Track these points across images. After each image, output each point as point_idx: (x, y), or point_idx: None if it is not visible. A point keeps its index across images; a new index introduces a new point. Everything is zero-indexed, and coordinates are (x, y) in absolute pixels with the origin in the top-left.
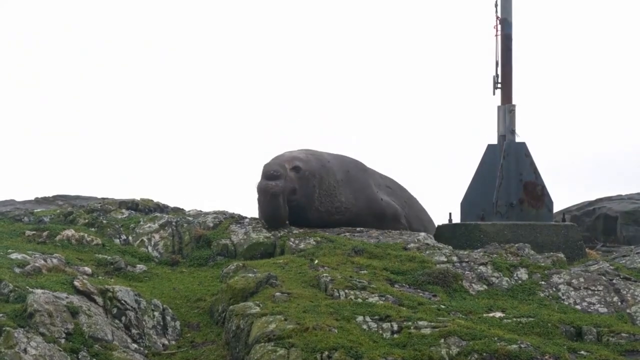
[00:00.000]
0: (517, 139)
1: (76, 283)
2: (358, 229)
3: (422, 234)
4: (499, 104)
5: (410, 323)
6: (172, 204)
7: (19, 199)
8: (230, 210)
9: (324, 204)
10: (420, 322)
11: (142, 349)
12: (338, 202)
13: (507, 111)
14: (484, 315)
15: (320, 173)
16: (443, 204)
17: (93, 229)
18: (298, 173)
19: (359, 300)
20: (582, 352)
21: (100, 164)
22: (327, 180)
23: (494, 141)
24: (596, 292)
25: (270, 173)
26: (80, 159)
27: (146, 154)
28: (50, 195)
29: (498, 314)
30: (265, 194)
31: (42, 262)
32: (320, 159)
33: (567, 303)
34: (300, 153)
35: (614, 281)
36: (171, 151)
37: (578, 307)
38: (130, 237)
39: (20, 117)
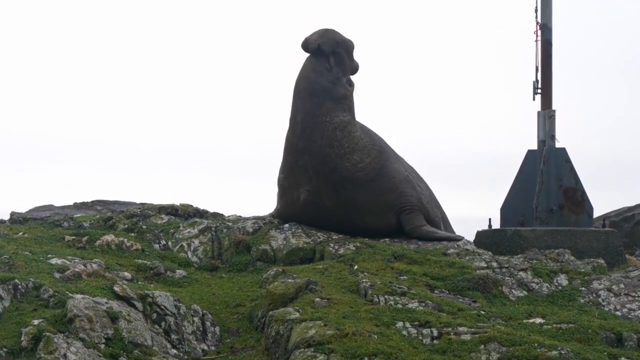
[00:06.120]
0: (557, 145)
1: (116, 288)
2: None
3: (462, 239)
4: (539, 109)
5: (450, 329)
6: (211, 209)
7: (57, 204)
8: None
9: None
10: (460, 328)
11: (181, 354)
12: (359, 156)
13: (547, 117)
14: (524, 321)
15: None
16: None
17: (132, 234)
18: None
19: (399, 305)
20: (623, 358)
21: (139, 169)
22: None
23: (534, 147)
24: (637, 298)
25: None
26: (120, 164)
27: (186, 160)
28: (89, 200)
29: (538, 320)
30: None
31: (82, 267)
32: None
33: (607, 309)
34: None
35: None
36: (211, 158)
37: (618, 313)
38: (169, 243)
39: (58, 125)
